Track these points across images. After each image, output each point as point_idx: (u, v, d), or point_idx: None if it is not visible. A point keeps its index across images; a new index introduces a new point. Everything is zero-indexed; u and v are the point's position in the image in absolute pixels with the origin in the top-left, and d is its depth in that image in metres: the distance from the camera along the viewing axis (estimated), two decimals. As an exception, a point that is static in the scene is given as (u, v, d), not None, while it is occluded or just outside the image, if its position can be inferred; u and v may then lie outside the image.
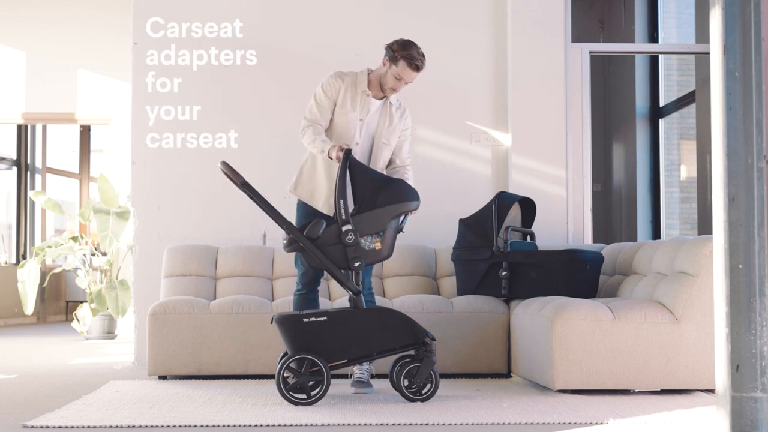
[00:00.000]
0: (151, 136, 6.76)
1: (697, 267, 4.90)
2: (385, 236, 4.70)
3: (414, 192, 4.79)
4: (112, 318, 8.89)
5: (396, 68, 4.93)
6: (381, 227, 4.69)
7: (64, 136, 13.71)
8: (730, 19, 3.23)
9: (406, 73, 4.94)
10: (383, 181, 4.77)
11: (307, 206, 5.09)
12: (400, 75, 4.93)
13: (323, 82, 5.05)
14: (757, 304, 3.18)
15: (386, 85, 4.99)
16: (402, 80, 4.95)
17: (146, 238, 6.70)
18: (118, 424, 3.93)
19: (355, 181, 4.73)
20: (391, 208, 4.70)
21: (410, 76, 4.95)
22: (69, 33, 9.76)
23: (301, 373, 4.54)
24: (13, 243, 12.26)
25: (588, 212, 6.97)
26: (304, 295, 5.12)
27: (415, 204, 4.77)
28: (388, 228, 4.70)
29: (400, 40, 5.00)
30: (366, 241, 4.68)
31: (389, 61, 4.96)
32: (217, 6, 6.87)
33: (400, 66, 4.92)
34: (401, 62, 4.92)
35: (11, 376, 5.89)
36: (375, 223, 4.68)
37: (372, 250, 4.69)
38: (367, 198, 4.70)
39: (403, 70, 4.93)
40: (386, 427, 3.93)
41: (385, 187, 4.73)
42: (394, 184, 4.77)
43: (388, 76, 4.97)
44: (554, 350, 4.90)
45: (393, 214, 4.71)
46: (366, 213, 4.69)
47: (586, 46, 7.04)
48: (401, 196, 4.73)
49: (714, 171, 3.29)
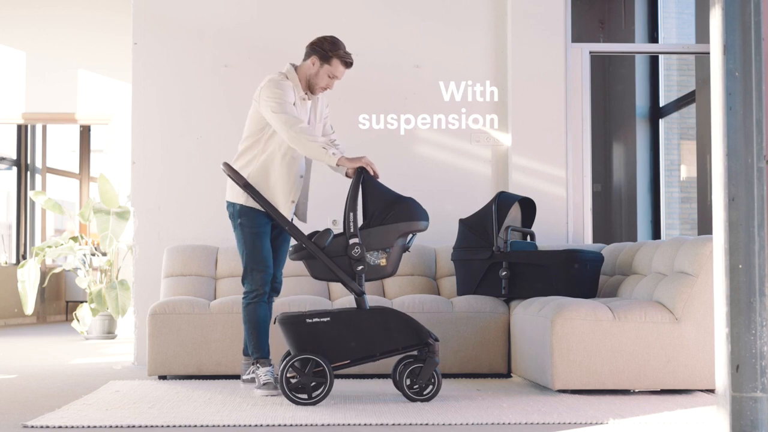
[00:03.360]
0: (151, 136, 6.76)
1: (697, 267, 4.90)
2: (392, 253, 4.70)
3: (424, 212, 4.76)
4: (112, 318, 8.89)
5: (329, 67, 4.96)
6: (388, 244, 4.68)
7: (64, 136, 13.71)
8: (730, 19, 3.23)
9: (339, 71, 4.99)
10: (395, 199, 4.75)
11: (254, 211, 4.98)
12: (333, 73, 4.98)
13: (276, 83, 4.91)
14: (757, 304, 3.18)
15: (318, 85, 5.00)
16: (335, 78, 4.99)
17: (146, 238, 6.70)
18: (118, 424, 3.93)
19: (367, 197, 4.73)
20: (400, 225, 4.69)
21: (342, 72, 5.01)
22: (69, 33, 9.75)
23: (305, 373, 4.55)
24: (13, 243, 12.26)
25: (588, 212, 6.98)
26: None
27: (424, 224, 4.75)
28: (395, 245, 4.70)
29: (327, 37, 5.02)
30: (372, 256, 4.68)
31: (320, 60, 4.95)
32: (217, 6, 6.87)
33: (334, 64, 4.96)
34: (334, 60, 4.96)
35: (11, 376, 5.89)
36: (383, 239, 4.68)
37: (377, 266, 4.69)
38: (377, 214, 4.70)
39: (337, 68, 4.97)
40: (386, 427, 3.93)
41: (395, 205, 4.72)
42: (405, 202, 4.75)
43: (320, 76, 4.97)
44: (554, 350, 4.90)
45: (401, 231, 4.70)
46: (375, 228, 4.69)
47: (586, 46, 7.04)
48: (411, 215, 4.72)
49: (714, 171, 3.29)
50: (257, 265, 4.98)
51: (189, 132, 6.78)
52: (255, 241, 4.98)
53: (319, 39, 5.02)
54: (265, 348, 4.98)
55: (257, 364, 4.96)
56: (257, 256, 4.99)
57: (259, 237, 4.98)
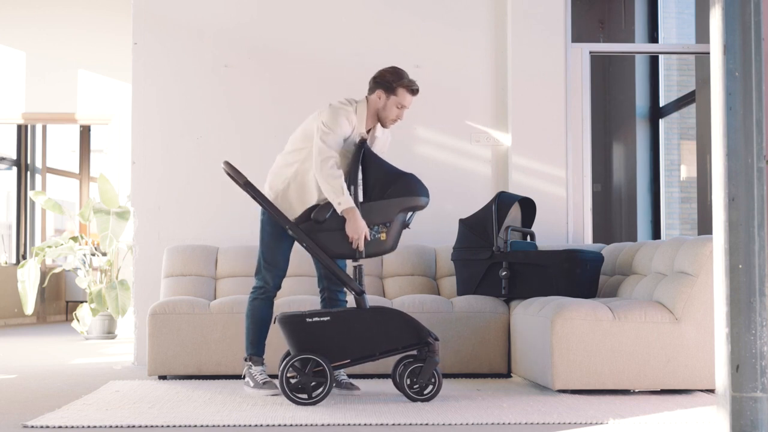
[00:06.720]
0: (151, 136, 6.76)
1: (697, 267, 4.90)
2: (391, 228, 4.72)
3: (424, 188, 4.78)
4: (112, 318, 8.89)
5: (396, 98, 4.88)
6: (388, 218, 4.70)
7: (64, 136, 13.71)
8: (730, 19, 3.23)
9: (407, 100, 4.91)
10: (395, 174, 4.77)
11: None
12: (401, 103, 4.89)
13: (338, 114, 4.81)
14: (757, 304, 3.18)
15: (388, 118, 4.91)
16: (403, 108, 4.92)
17: (146, 238, 6.70)
18: (118, 424, 3.93)
19: (367, 171, 4.76)
20: (400, 200, 4.71)
21: (410, 101, 4.93)
22: (69, 33, 9.76)
23: (305, 373, 4.55)
24: (13, 243, 12.26)
25: (588, 212, 6.98)
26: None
27: (424, 200, 4.76)
28: (395, 220, 4.71)
29: (389, 69, 4.95)
30: (372, 230, 4.70)
31: (386, 93, 4.88)
32: (217, 6, 6.87)
33: (400, 94, 4.88)
34: (400, 90, 4.88)
35: (11, 376, 5.89)
36: (383, 213, 4.69)
37: (377, 240, 4.70)
38: (378, 188, 4.73)
39: (404, 98, 4.89)
40: (386, 427, 3.93)
41: (396, 180, 4.74)
42: (406, 177, 4.77)
43: (389, 109, 4.89)
44: (554, 350, 4.90)
45: (401, 206, 4.72)
46: (375, 202, 4.71)
47: (586, 46, 7.04)
48: (412, 190, 4.74)
49: (714, 171, 3.29)
50: (268, 265, 4.99)
51: (189, 132, 6.78)
52: (271, 242, 4.98)
53: (381, 72, 4.94)
54: (261, 347, 5.01)
55: (250, 361, 4.98)
56: (271, 257, 4.98)
57: (274, 238, 4.96)
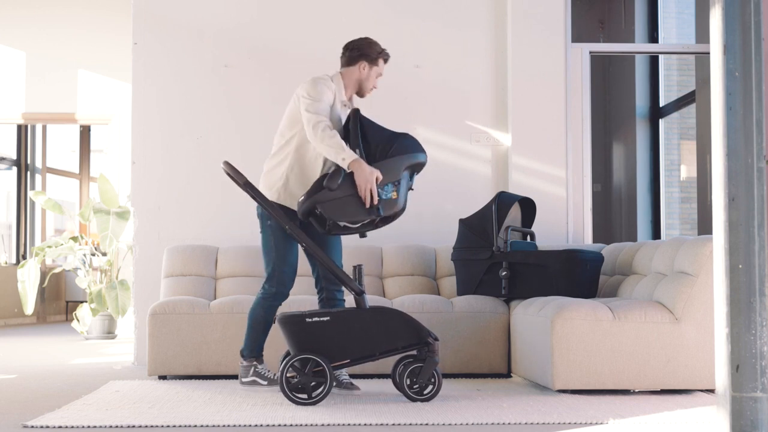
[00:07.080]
0: (151, 136, 6.76)
1: (697, 267, 4.90)
2: (400, 188, 4.78)
3: (420, 146, 4.90)
4: (112, 318, 8.89)
5: (377, 68, 5.05)
6: (396, 176, 4.77)
7: (64, 136, 13.71)
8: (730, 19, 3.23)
9: (383, 69, 5.10)
10: (392, 134, 4.89)
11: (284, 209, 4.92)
12: (380, 72, 5.08)
13: (317, 82, 4.90)
14: (757, 304, 3.18)
15: (368, 88, 5.07)
16: (380, 77, 5.09)
17: (146, 238, 6.70)
18: (118, 424, 3.93)
19: (366, 134, 4.86)
20: (404, 157, 4.81)
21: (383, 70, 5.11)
22: (69, 33, 9.76)
23: (305, 372, 4.55)
24: (13, 243, 12.26)
25: (588, 212, 6.98)
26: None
27: (424, 157, 4.88)
28: (401, 179, 4.78)
29: (365, 40, 5.08)
30: (383, 191, 4.75)
31: (369, 63, 5.02)
32: (217, 6, 6.87)
33: (380, 65, 5.06)
34: (380, 60, 5.05)
35: (11, 376, 5.89)
36: (391, 172, 4.77)
37: (390, 200, 4.76)
38: (380, 149, 4.82)
39: (381, 67, 5.09)
40: (386, 427, 3.93)
41: (395, 139, 4.86)
42: (403, 136, 4.89)
43: (371, 79, 5.04)
44: (554, 350, 4.90)
45: (406, 163, 4.81)
46: (382, 162, 4.78)
47: (586, 46, 7.04)
48: (411, 147, 4.85)
49: (714, 171, 3.29)
50: (285, 266, 4.94)
51: (189, 132, 6.78)
52: (282, 247, 4.93)
53: (359, 43, 5.04)
54: (261, 347, 5.06)
55: (255, 361, 5.02)
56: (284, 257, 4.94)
57: (287, 238, 4.94)
